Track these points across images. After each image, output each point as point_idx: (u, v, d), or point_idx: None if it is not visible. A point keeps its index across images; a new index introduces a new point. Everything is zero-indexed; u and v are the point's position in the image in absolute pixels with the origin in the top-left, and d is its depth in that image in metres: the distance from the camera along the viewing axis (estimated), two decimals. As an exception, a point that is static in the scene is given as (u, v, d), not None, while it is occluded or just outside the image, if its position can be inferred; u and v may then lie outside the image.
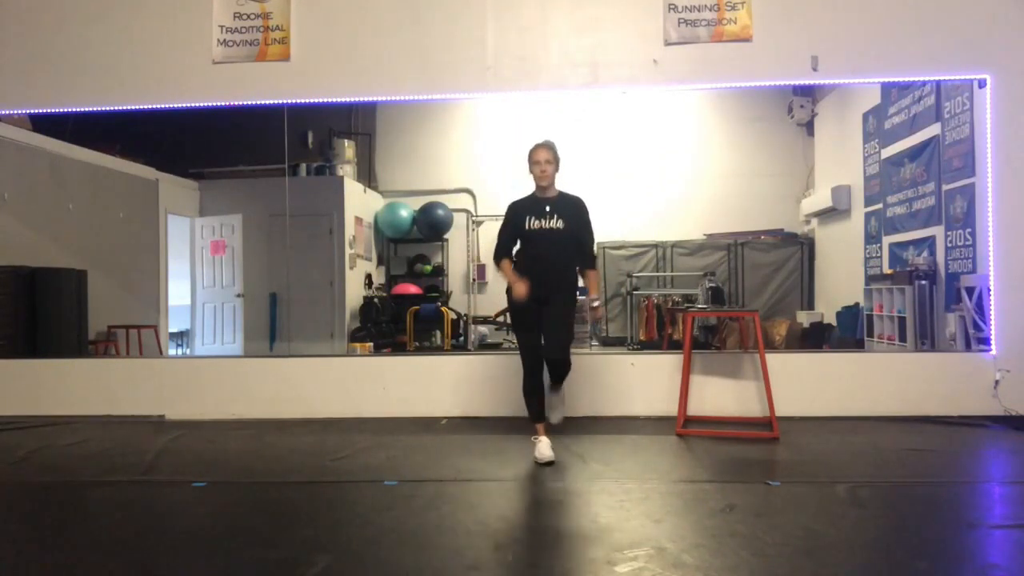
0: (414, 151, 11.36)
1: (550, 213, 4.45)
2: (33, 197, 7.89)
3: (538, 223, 4.43)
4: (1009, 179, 5.66)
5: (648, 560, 2.78)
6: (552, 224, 4.43)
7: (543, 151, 4.49)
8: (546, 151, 4.50)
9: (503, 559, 2.85)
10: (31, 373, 6.33)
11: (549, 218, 4.44)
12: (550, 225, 4.42)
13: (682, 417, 5.30)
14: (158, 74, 6.12)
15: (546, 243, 4.43)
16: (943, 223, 7.17)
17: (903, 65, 5.81)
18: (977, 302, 6.08)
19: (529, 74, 5.95)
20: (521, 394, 4.53)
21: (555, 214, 4.45)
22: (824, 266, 10.41)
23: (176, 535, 3.28)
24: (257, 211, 9.82)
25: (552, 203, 4.49)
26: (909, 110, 7.86)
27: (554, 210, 4.46)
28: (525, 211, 4.49)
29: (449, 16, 5.99)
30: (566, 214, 4.46)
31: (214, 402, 6.01)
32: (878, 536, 3.16)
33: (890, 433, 5.12)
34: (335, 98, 6.44)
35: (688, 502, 3.59)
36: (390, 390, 5.98)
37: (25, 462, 4.60)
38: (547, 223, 4.43)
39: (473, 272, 11.28)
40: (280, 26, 6.02)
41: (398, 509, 3.50)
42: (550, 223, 4.43)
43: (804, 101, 10.59)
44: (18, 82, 6.25)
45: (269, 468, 4.43)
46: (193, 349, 10.26)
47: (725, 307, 8.91)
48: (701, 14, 5.76)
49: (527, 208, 4.51)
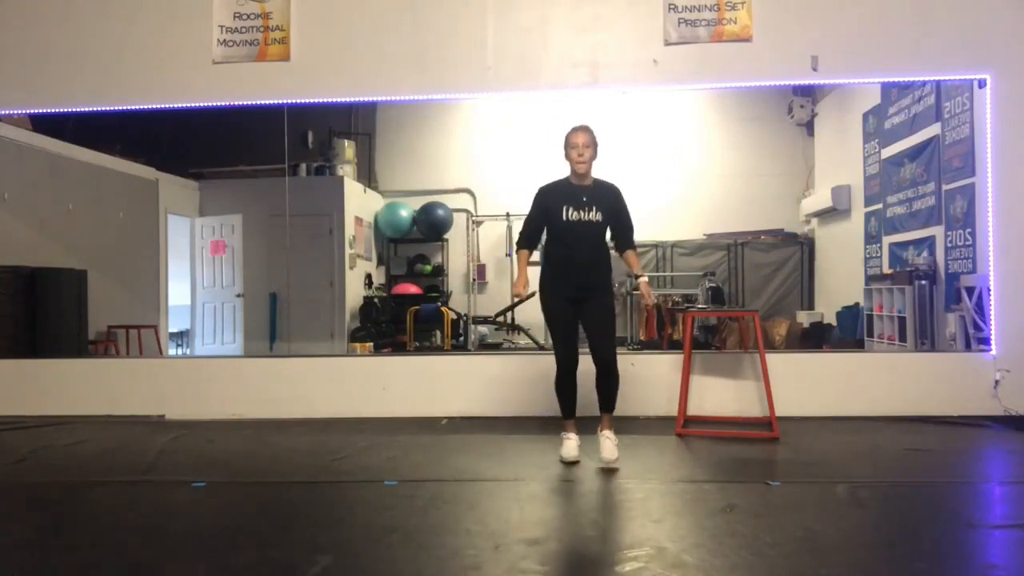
0: (414, 151, 11.36)
1: (588, 204, 4.15)
2: (33, 197, 7.89)
3: (576, 214, 4.13)
4: (1009, 179, 5.65)
5: (648, 560, 2.78)
6: (591, 216, 4.13)
7: (582, 134, 4.20)
8: (585, 134, 4.20)
9: (503, 559, 2.85)
10: (31, 373, 6.33)
11: (587, 209, 4.13)
12: (589, 217, 4.13)
13: (682, 417, 5.30)
14: (158, 74, 6.12)
15: (584, 237, 4.18)
16: (943, 223, 7.17)
17: (903, 65, 5.81)
18: (977, 302, 6.08)
19: (529, 74, 5.95)
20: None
21: (593, 205, 4.15)
22: (824, 266, 10.41)
23: (176, 535, 3.28)
24: (257, 211, 9.82)
25: (589, 193, 4.19)
26: (909, 110, 7.86)
27: (592, 200, 4.16)
28: (561, 199, 4.17)
29: (449, 16, 5.99)
30: (604, 205, 4.18)
31: (214, 402, 6.00)
32: (878, 536, 3.17)
33: (890, 433, 5.12)
34: (335, 98, 6.44)
35: (688, 502, 3.59)
36: (390, 390, 5.97)
37: (25, 462, 4.60)
38: (586, 214, 4.12)
39: (473, 272, 11.28)
40: (280, 26, 6.02)
41: (398, 509, 3.49)
42: (589, 215, 4.13)
43: (804, 101, 10.59)
44: (18, 82, 6.25)
45: (269, 468, 4.43)
46: (193, 349, 10.26)
47: (725, 307, 8.91)
48: (701, 14, 5.76)
49: (563, 196, 4.18)
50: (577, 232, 4.19)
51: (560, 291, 4.27)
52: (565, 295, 4.24)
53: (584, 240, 4.21)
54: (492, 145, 10.99)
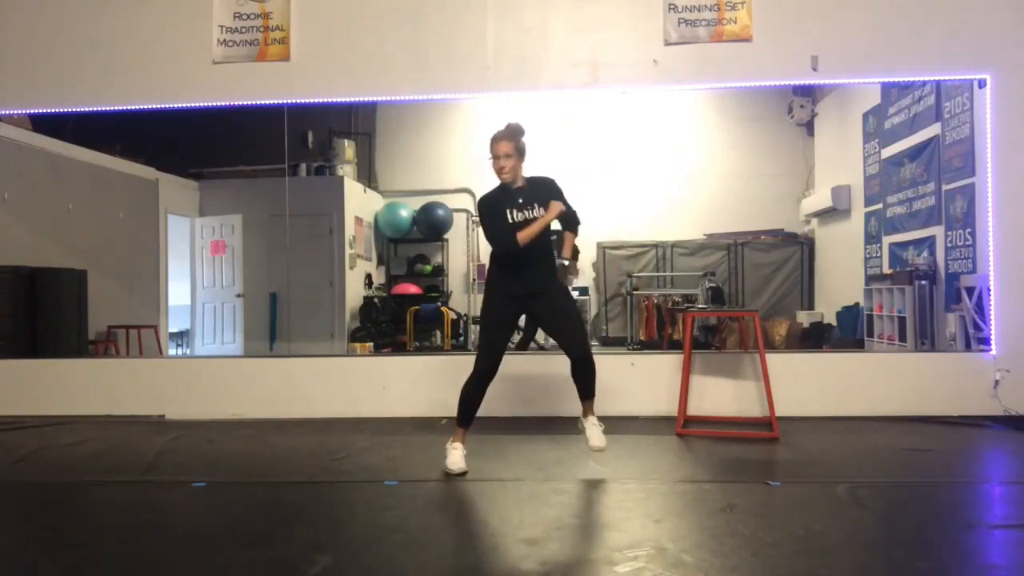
0: (414, 151, 11.37)
1: (526, 203, 4.10)
2: (33, 197, 7.90)
3: (521, 215, 4.09)
4: (1009, 179, 5.65)
5: (648, 560, 2.78)
6: (533, 214, 4.07)
7: (502, 144, 4.09)
8: (505, 143, 4.08)
9: (503, 559, 2.85)
10: (31, 373, 6.32)
11: (528, 208, 4.08)
12: (532, 215, 4.07)
13: (682, 417, 5.30)
14: (158, 74, 6.12)
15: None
16: (943, 223, 7.17)
17: (903, 65, 5.81)
18: (977, 302, 6.08)
19: (529, 74, 5.95)
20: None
21: (532, 202, 4.09)
22: (824, 266, 10.42)
23: (176, 535, 3.28)
24: (257, 211, 9.82)
25: (524, 193, 4.13)
26: (909, 110, 7.86)
27: (529, 199, 4.11)
28: (502, 205, 4.12)
29: (449, 16, 5.98)
30: (542, 199, 4.11)
31: (214, 402, 6.00)
32: (878, 536, 3.17)
33: (890, 433, 5.12)
34: (335, 98, 6.44)
35: (688, 502, 3.59)
36: (390, 390, 5.97)
37: (25, 462, 4.60)
38: (530, 213, 4.08)
39: (473, 272, 11.28)
40: (280, 26, 6.02)
41: (398, 509, 3.49)
42: (532, 213, 4.08)
43: (804, 101, 10.60)
44: (18, 82, 6.25)
45: (269, 468, 4.43)
46: (193, 349, 10.26)
47: (725, 307, 8.91)
48: (701, 14, 5.76)
49: (502, 201, 4.13)
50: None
51: (508, 289, 4.16)
52: (513, 294, 4.14)
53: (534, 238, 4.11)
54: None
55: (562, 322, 4.13)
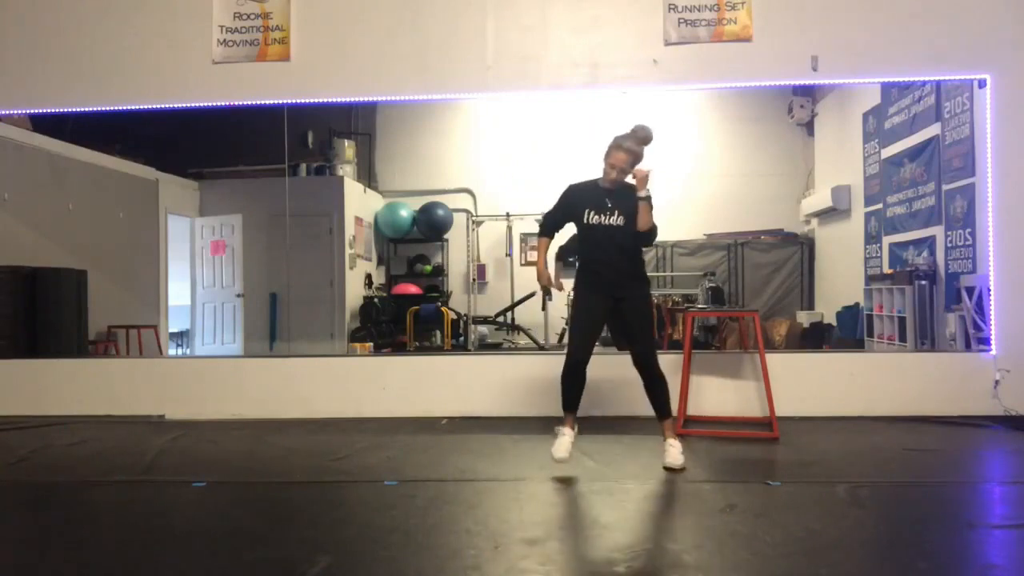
0: (414, 151, 11.36)
1: (611, 208, 4.12)
2: (33, 197, 7.89)
3: (597, 218, 4.11)
4: (1009, 179, 5.65)
5: (648, 560, 2.78)
6: (612, 220, 4.10)
7: (619, 154, 4.13)
8: (627, 155, 4.13)
9: (503, 559, 2.85)
10: (31, 373, 6.33)
11: (609, 214, 4.11)
12: (609, 222, 4.10)
13: (682, 417, 5.29)
14: (158, 74, 6.12)
15: (608, 241, 4.13)
16: (943, 223, 7.16)
17: (903, 65, 5.81)
18: (977, 302, 6.07)
19: (529, 74, 5.95)
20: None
21: (616, 209, 4.11)
22: (824, 266, 10.41)
23: (176, 535, 3.28)
24: (257, 211, 9.82)
25: (614, 196, 4.15)
26: (909, 110, 7.86)
27: (616, 204, 4.12)
28: (584, 201, 4.15)
29: (449, 16, 5.99)
30: (628, 208, 4.12)
31: (214, 402, 6.00)
32: (878, 536, 3.17)
33: (890, 433, 5.12)
34: (335, 98, 6.44)
35: (688, 502, 3.59)
36: (390, 390, 5.97)
37: (25, 462, 4.60)
38: (606, 219, 4.10)
39: (473, 272, 11.27)
40: (280, 26, 6.02)
41: (398, 509, 3.49)
42: (610, 219, 4.10)
43: (804, 101, 10.59)
44: (18, 82, 6.25)
45: (269, 468, 4.43)
46: (193, 349, 10.26)
47: (725, 307, 8.91)
48: (701, 14, 5.76)
49: (587, 198, 4.16)
50: (598, 235, 4.17)
51: (593, 289, 4.22)
52: (598, 293, 4.19)
53: (607, 243, 4.15)
54: (492, 145, 10.98)
55: (630, 329, 4.20)
